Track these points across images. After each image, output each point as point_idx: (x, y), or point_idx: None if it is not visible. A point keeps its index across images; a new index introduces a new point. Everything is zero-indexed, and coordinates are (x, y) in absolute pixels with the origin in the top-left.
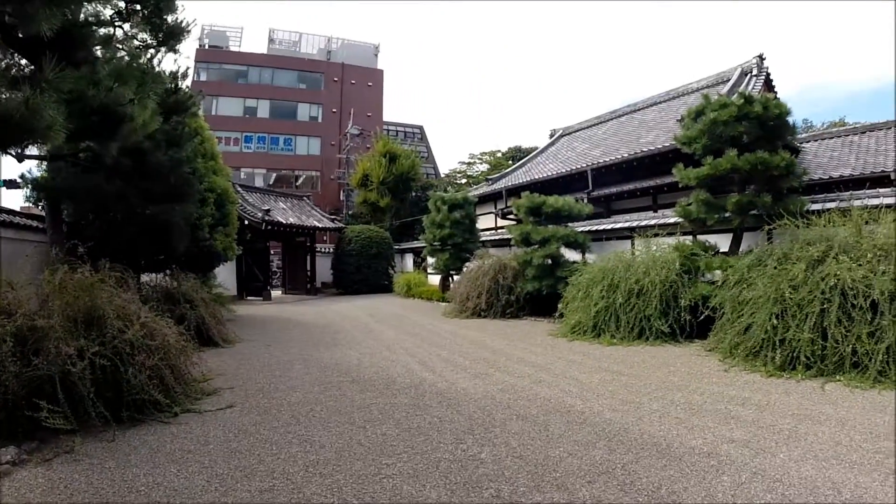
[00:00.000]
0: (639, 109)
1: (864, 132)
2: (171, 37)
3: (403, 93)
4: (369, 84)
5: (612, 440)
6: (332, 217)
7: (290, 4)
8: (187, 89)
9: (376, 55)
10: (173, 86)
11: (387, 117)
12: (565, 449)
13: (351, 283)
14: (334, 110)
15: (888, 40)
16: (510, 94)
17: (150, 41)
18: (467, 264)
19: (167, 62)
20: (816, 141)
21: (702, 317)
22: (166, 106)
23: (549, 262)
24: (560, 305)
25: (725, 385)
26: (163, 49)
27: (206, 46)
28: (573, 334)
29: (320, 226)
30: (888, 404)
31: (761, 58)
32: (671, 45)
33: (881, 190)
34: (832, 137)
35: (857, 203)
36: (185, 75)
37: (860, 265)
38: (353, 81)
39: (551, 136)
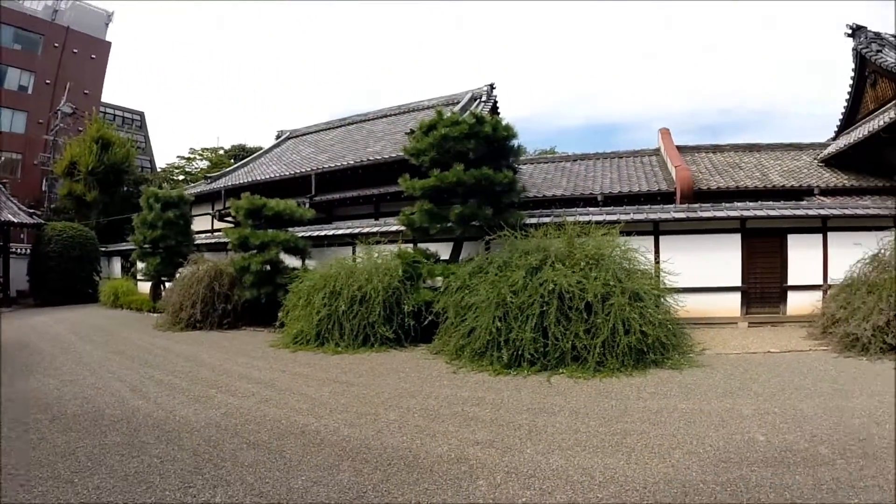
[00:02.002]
0: (368, 120)
1: (576, 160)
2: None
3: (127, 72)
4: (93, 56)
5: (356, 459)
6: (32, 211)
7: None
8: None
9: (107, 24)
10: None
11: (106, 98)
12: (308, 477)
13: (51, 291)
14: (48, 81)
15: (602, 86)
16: (238, 90)
17: None
18: (181, 270)
19: None
20: (532, 164)
21: (425, 322)
22: None
23: (269, 268)
24: (281, 314)
25: (457, 387)
26: None
27: None
28: (296, 344)
29: (16, 221)
30: (611, 390)
31: (491, 86)
32: (406, 64)
33: (590, 209)
34: (546, 162)
35: (570, 219)
36: None
37: (574, 272)
38: (75, 50)
39: (277, 137)
